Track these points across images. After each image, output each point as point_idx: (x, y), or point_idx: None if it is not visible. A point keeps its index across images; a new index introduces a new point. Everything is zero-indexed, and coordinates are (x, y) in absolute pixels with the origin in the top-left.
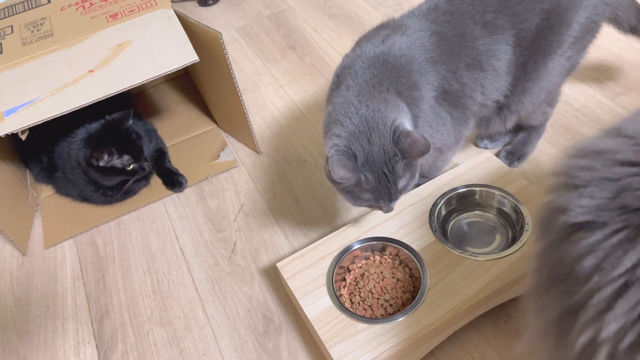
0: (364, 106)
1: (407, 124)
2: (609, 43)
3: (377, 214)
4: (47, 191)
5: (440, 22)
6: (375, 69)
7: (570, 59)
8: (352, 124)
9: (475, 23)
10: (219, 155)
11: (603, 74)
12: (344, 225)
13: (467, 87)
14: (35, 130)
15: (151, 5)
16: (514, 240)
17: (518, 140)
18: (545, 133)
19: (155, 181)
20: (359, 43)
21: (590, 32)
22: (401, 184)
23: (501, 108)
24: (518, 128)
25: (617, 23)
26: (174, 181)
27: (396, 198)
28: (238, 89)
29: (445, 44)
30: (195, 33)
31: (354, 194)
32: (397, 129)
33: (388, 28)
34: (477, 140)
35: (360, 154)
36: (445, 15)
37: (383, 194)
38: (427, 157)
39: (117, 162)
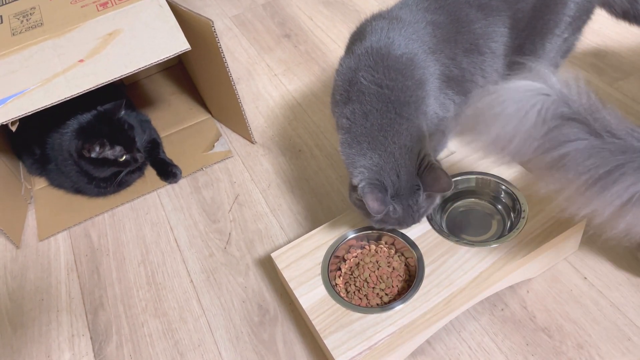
0: (390, 142)
1: (429, 148)
2: (606, 28)
3: None
4: (40, 183)
5: (434, 10)
6: (381, 83)
7: (566, 40)
8: (381, 160)
9: (470, 6)
10: (214, 146)
11: (601, 59)
12: (340, 214)
13: (467, 72)
14: (27, 122)
15: None
16: (510, 227)
17: None
18: None
19: (150, 172)
20: (354, 42)
21: (585, 12)
22: (423, 211)
23: None
24: None
25: (610, 7)
26: (168, 172)
27: (418, 222)
28: (231, 78)
29: (441, 32)
30: (186, 21)
31: (380, 220)
32: (423, 162)
33: (382, 21)
34: None
35: (390, 187)
36: (438, 1)
37: (408, 221)
38: (433, 140)
39: (109, 153)
